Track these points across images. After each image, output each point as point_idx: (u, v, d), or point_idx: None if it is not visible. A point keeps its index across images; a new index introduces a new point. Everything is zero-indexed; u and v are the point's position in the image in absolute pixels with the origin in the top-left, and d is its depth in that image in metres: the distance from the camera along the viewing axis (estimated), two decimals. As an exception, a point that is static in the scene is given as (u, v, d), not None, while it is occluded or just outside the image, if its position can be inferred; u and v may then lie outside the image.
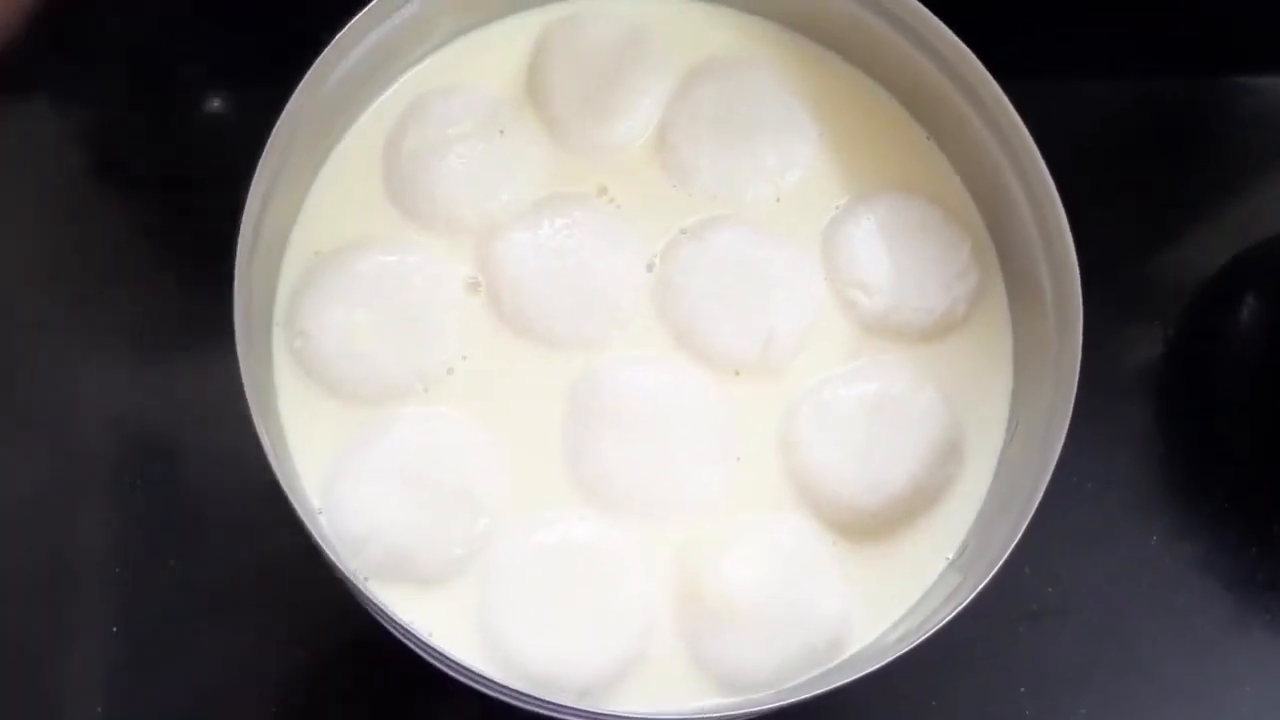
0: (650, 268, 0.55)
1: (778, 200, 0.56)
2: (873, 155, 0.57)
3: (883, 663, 0.47)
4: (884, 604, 0.53)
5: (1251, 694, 0.60)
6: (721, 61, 0.58)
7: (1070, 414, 0.50)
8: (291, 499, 0.47)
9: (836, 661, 0.52)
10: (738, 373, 0.54)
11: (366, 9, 0.52)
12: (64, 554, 0.58)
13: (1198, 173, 0.66)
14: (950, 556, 0.53)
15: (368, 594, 0.47)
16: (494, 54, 0.57)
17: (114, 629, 0.57)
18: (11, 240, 0.62)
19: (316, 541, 0.47)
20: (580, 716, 0.47)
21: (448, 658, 0.48)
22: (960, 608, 0.48)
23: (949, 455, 0.54)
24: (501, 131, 0.56)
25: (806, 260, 0.56)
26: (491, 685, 0.48)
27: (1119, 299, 0.62)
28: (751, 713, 0.49)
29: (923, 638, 0.47)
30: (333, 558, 0.47)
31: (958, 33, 0.53)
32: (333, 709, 0.58)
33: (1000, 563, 0.48)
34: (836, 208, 0.56)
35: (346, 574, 0.47)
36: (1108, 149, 0.65)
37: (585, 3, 0.58)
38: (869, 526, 0.53)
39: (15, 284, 0.61)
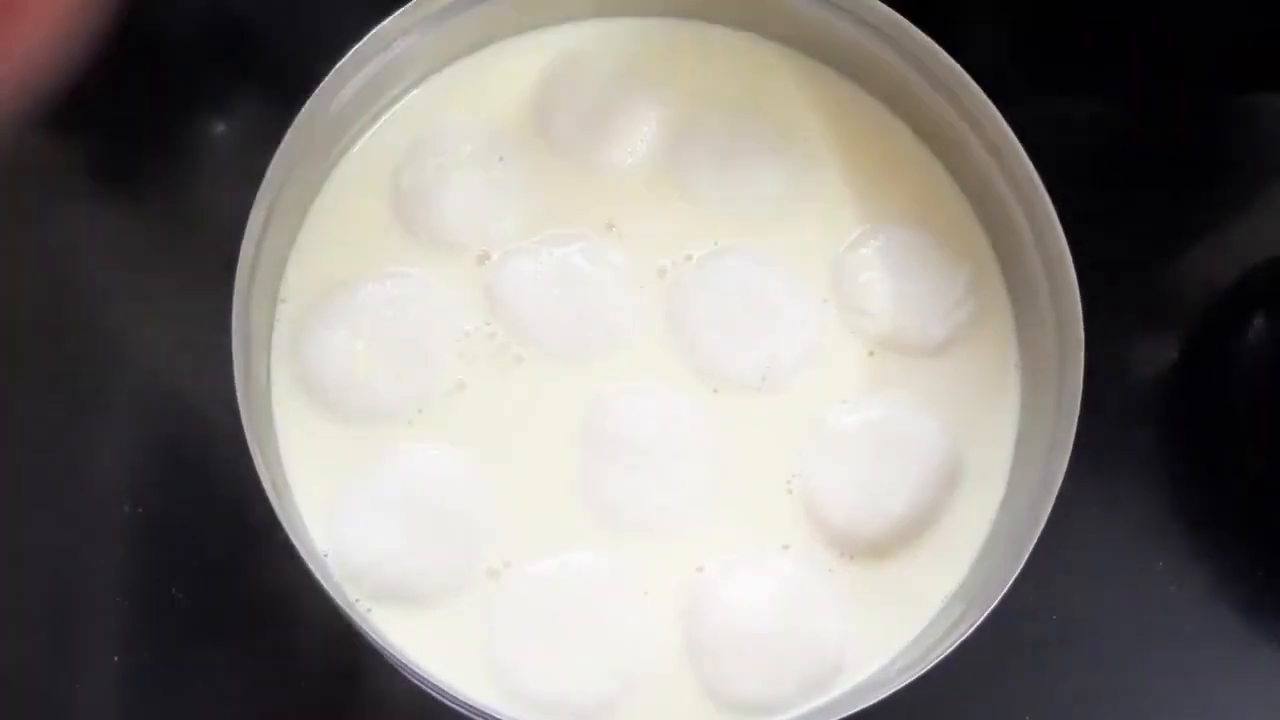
0: (652, 296, 0.55)
1: (783, 226, 0.56)
2: (880, 181, 0.57)
3: (887, 692, 0.47)
4: (888, 632, 0.52)
5: (1261, 720, 0.60)
6: (727, 86, 0.58)
7: (1073, 438, 0.49)
8: (291, 534, 0.47)
9: (840, 691, 0.51)
10: (740, 399, 0.54)
11: (368, 37, 0.52)
12: (66, 583, 0.58)
13: (1204, 191, 0.66)
14: (954, 584, 0.53)
15: (372, 631, 0.47)
16: (493, 79, 0.57)
17: (115, 658, 0.57)
18: (11, 267, 0.62)
19: (319, 580, 0.47)
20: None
21: (453, 694, 0.48)
22: (964, 636, 0.48)
23: (952, 482, 0.54)
24: (501, 158, 0.56)
25: (810, 287, 0.55)
26: (494, 719, 0.48)
27: (1125, 321, 0.62)
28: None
29: (927, 667, 0.47)
30: (335, 596, 0.47)
31: (959, 55, 0.53)
32: (334, 739, 0.58)
33: (1004, 590, 0.48)
34: (841, 235, 0.56)
35: (351, 612, 0.47)
36: (1114, 168, 0.65)
37: (589, 26, 0.58)
38: (872, 554, 0.53)
39: (15, 309, 0.61)
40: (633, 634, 0.51)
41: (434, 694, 0.49)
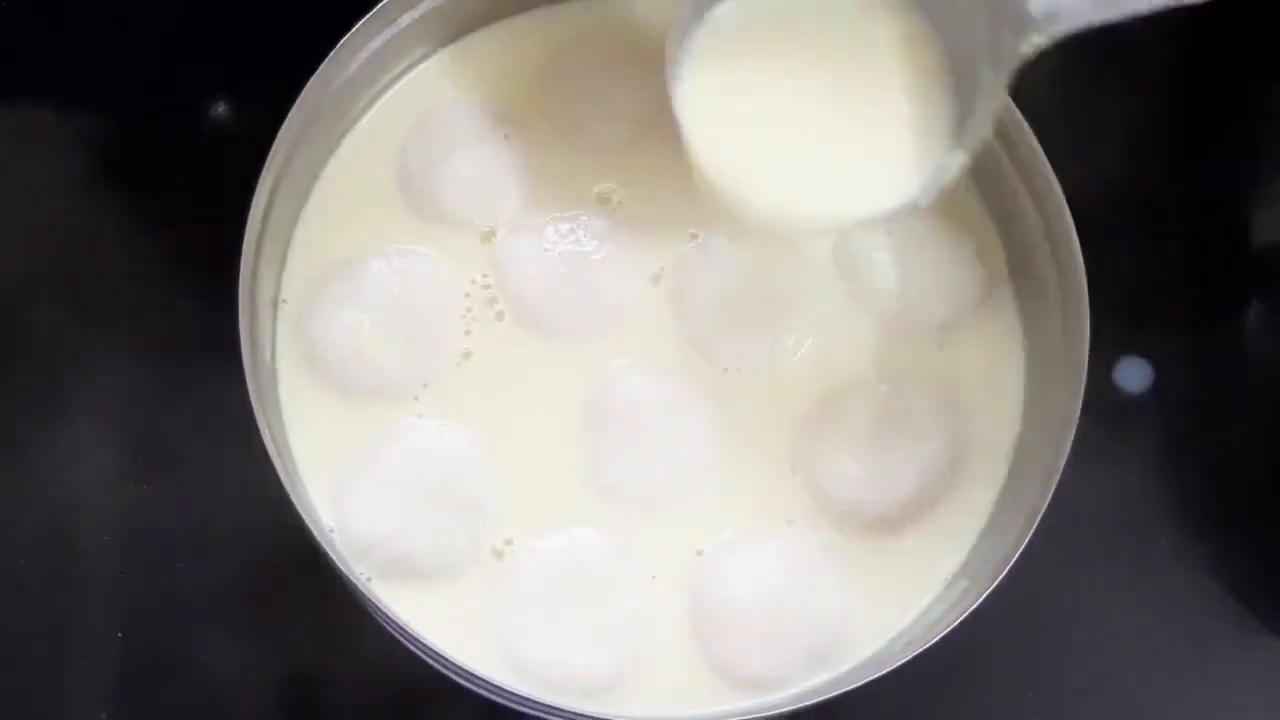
0: (657, 274, 0.55)
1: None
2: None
3: (889, 668, 0.47)
4: (890, 610, 0.53)
5: (1258, 705, 0.60)
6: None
7: (1077, 418, 0.50)
8: (299, 509, 0.47)
9: (843, 667, 0.52)
10: (746, 379, 0.54)
11: (370, 14, 0.52)
12: (69, 560, 0.58)
13: (1210, 177, 0.66)
14: (958, 562, 0.53)
15: (380, 606, 0.48)
16: (498, 56, 0.57)
17: (119, 634, 0.57)
18: (15, 249, 0.62)
19: (326, 555, 0.47)
20: (589, 720, 0.47)
21: (459, 666, 0.48)
22: (967, 613, 0.48)
23: (957, 461, 0.54)
24: (506, 136, 0.56)
25: (814, 266, 0.55)
26: (500, 692, 0.48)
27: (1129, 304, 0.62)
28: (754, 717, 0.49)
29: (930, 643, 0.47)
30: (345, 569, 0.47)
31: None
32: (339, 715, 0.58)
33: (1006, 570, 0.48)
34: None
35: (358, 587, 0.47)
36: (1120, 152, 0.65)
37: (596, 2, 0.58)
38: (877, 532, 0.53)
39: (19, 292, 0.61)
40: (638, 611, 0.52)
41: (441, 668, 0.49)
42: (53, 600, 0.57)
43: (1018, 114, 0.52)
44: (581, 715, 0.48)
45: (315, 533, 0.47)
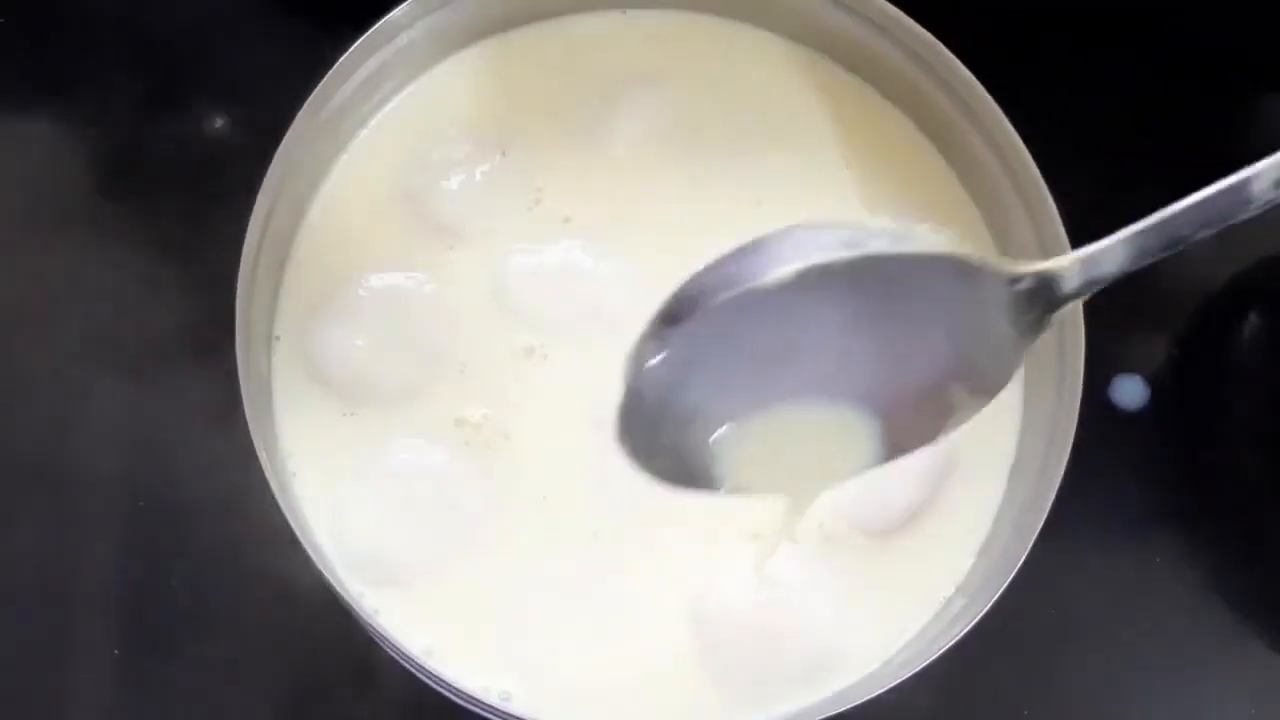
0: (658, 287, 0.55)
1: (787, 218, 0.56)
2: (883, 176, 0.57)
3: (887, 686, 0.47)
4: (888, 627, 0.52)
5: (1255, 715, 0.60)
6: (733, 80, 0.58)
7: (1073, 434, 0.50)
8: (293, 524, 0.47)
9: (841, 685, 0.52)
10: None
11: (370, 32, 0.52)
12: (65, 577, 0.58)
13: (1200, 188, 0.66)
14: (956, 577, 0.53)
15: (374, 622, 0.48)
16: (497, 71, 0.57)
17: (115, 651, 0.57)
18: (14, 260, 0.62)
19: (320, 570, 0.47)
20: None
21: (452, 684, 0.48)
22: (967, 629, 0.48)
23: (954, 476, 0.54)
24: (504, 153, 0.56)
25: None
26: (494, 710, 0.48)
27: (1124, 317, 0.62)
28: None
29: (928, 660, 0.47)
30: (337, 586, 0.47)
31: (960, 52, 0.53)
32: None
33: (1004, 586, 0.48)
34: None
35: (352, 603, 0.47)
36: (1114, 165, 0.65)
37: (595, 18, 0.58)
38: (873, 548, 0.53)
39: (17, 304, 0.61)
40: (635, 627, 0.52)
41: (433, 684, 0.49)
42: (49, 618, 0.57)
43: (1011, 131, 0.52)
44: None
45: (307, 546, 0.47)
